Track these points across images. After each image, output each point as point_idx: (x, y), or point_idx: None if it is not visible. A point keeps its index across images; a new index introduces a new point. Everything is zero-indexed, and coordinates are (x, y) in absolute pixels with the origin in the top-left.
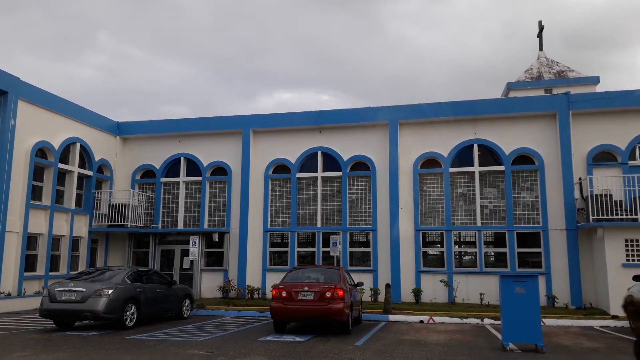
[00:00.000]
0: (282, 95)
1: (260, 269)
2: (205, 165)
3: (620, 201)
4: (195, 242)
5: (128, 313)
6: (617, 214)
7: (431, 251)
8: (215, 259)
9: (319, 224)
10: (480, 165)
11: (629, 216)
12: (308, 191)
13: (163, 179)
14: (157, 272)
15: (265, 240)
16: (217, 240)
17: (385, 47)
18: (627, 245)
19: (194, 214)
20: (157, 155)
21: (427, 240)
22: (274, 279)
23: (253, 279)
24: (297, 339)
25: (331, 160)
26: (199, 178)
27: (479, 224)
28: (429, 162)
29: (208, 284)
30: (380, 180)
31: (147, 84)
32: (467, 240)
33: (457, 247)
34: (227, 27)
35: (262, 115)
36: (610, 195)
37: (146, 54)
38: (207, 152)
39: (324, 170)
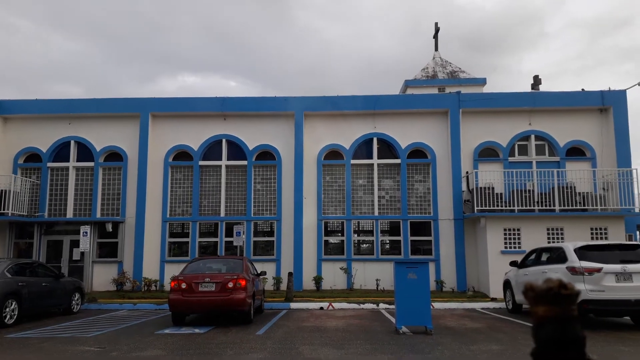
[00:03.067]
0: (186, 78)
1: (158, 260)
2: (98, 150)
3: (501, 194)
4: (86, 232)
5: (8, 310)
6: (497, 206)
7: (332, 240)
8: (108, 250)
9: (222, 214)
10: (378, 157)
11: (508, 207)
12: (211, 180)
13: (50, 164)
14: (43, 264)
15: (164, 231)
16: (110, 230)
17: (294, 37)
18: (505, 234)
19: (85, 202)
20: (43, 138)
21: (329, 229)
22: (173, 270)
23: (150, 270)
24: (197, 330)
25: (236, 149)
26: (91, 163)
27: (376, 213)
28: (333, 154)
29: (101, 277)
30: (285, 170)
31: (35, 60)
32: (365, 229)
33: (356, 235)
34: (126, 1)
35: (163, 99)
36: (492, 188)
37: (36, 26)
38: (100, 136)
39: (228, 159)
